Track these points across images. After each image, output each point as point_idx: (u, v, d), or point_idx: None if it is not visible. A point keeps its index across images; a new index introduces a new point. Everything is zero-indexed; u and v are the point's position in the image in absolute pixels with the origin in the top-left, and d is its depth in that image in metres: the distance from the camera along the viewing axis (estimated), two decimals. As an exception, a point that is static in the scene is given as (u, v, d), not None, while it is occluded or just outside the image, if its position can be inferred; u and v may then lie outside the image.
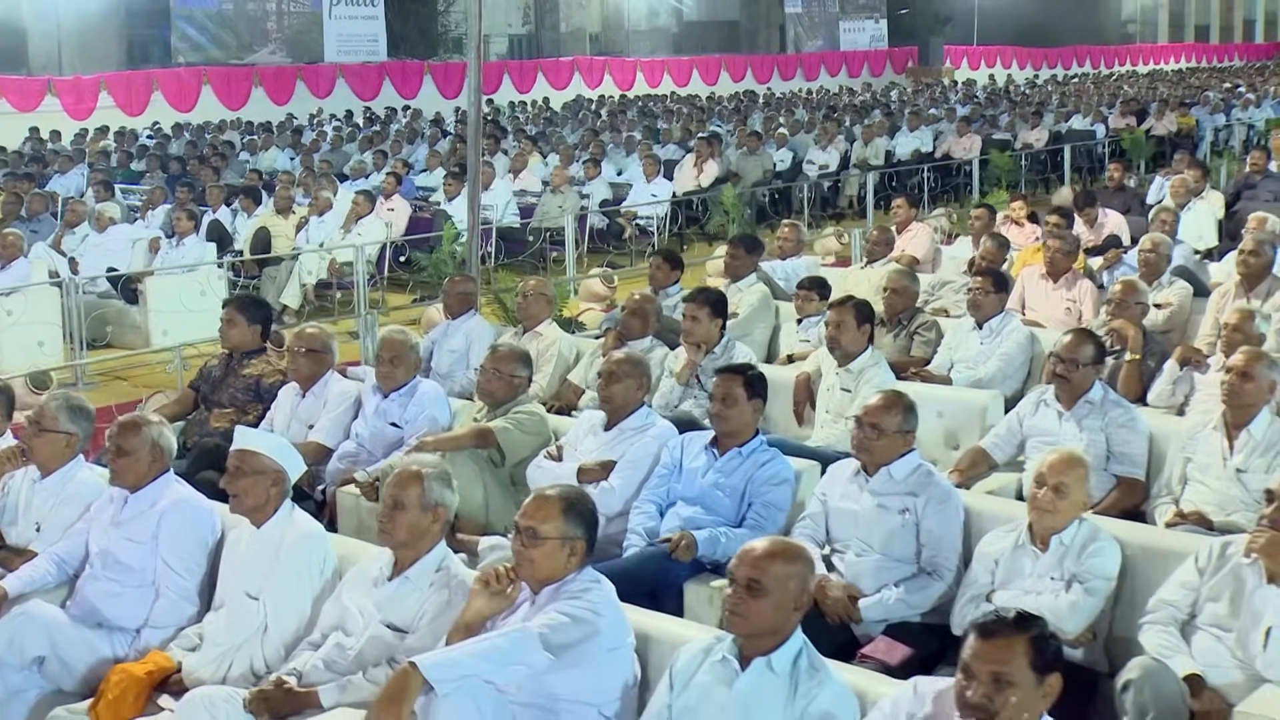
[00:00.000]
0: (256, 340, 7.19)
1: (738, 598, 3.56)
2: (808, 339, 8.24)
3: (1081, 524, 4.72)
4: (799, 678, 3.55)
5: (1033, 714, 3.18)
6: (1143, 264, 8.63)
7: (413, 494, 4.24)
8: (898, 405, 5.13)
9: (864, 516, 5.03)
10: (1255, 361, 5.67)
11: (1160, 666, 4.14)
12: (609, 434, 5.78)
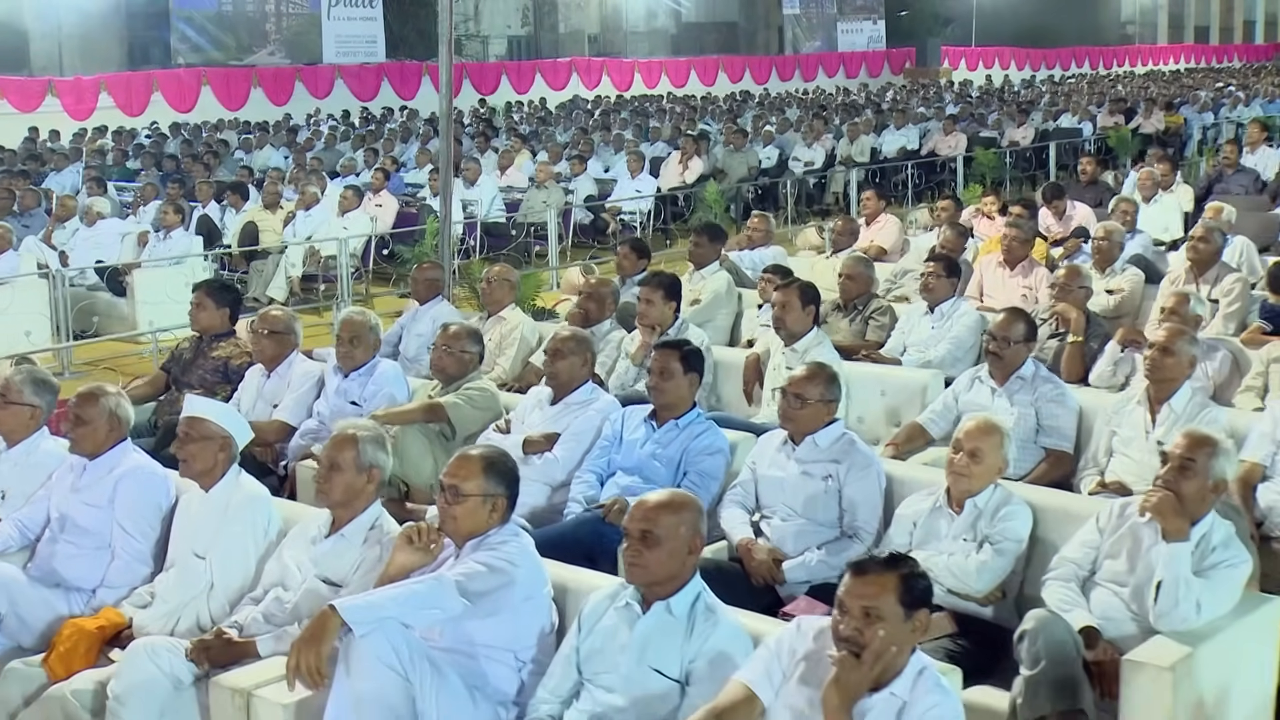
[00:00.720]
0: (225, 323, 7.42)
1: (634, 549, 3.78)
2: (769, 323, 8.46)
3: (996, 489, 4.93)
4: (696, 619, 3.77)
5: (901, 646, 3.39)
6: (1095, 251, 8.87)
7: (348, 456, 4.46)
8: (820, 376, 5.35)
9: (789, 483, 5.24)
10: (1177, 338, 5.89)
11: (1053, 618, 4.35)
12: (555, 408, 6.00)
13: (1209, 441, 4.51)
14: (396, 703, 3.78)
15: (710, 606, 3.80)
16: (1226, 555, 4.41)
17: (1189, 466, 4.45)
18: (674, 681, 3.70)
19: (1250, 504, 5.50)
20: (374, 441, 4.52)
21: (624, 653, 3.78)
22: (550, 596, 4.20)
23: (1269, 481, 5.55)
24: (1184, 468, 4.45)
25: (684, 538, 3.80)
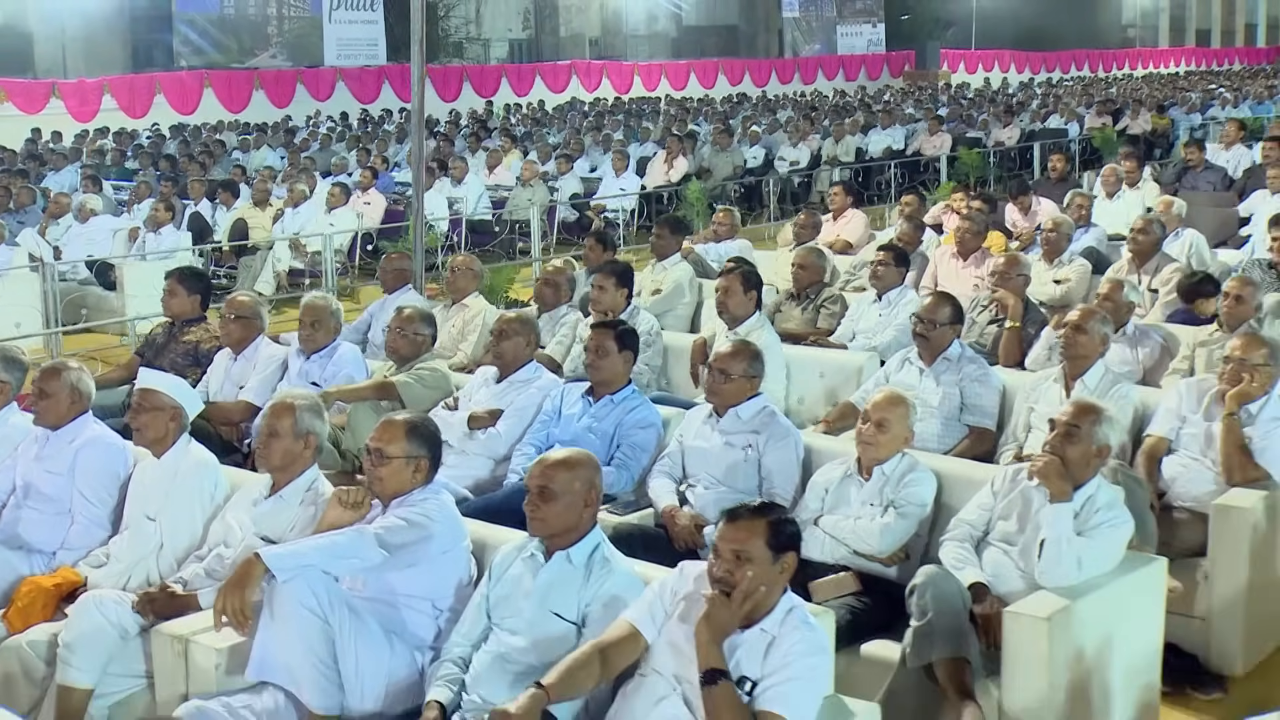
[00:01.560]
0: (196, 309, 7.74)
1: (533, 504, 4.08)
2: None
3: (903, 457, 5.22)
4: (593, 568, 4.06)
5: (770, 586, 3.68)
6: (1044, 243, 9.16)
7: (286, 423, 4.76)
8: (744, 353, 5.65)
9: (712, 453, 5.54)
10: (1089, 318, 6.20)
11: (942, 573, 4.64)
12: (499, 386, 6.31)
13: (1093, 409, 4.80)
14: (317, 644, 4.07)
15: (607, 556, 4.10)
16: (1109, 516, 4.69)
17: (1073, 433, 4.73)
18: (571, 624, 3.99)
19: (1154, 475, 5.79)
20: (310, 410, 4.81)
21: (528, 599, 4.07)
22: (469, 551, 4.49)
23: (1173, 454, 5.83)
24: (1069, 434, 4.74)
25: (579, 492, 4.09)
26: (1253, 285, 7.26)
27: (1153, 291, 8.58)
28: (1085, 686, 4.58)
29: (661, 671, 3.73)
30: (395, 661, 4.20)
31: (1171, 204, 10.09)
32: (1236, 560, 5.41)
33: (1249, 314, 7.15)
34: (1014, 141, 21.49)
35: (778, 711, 3.55)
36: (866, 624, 4.87)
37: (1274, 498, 5.52)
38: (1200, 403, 5.83)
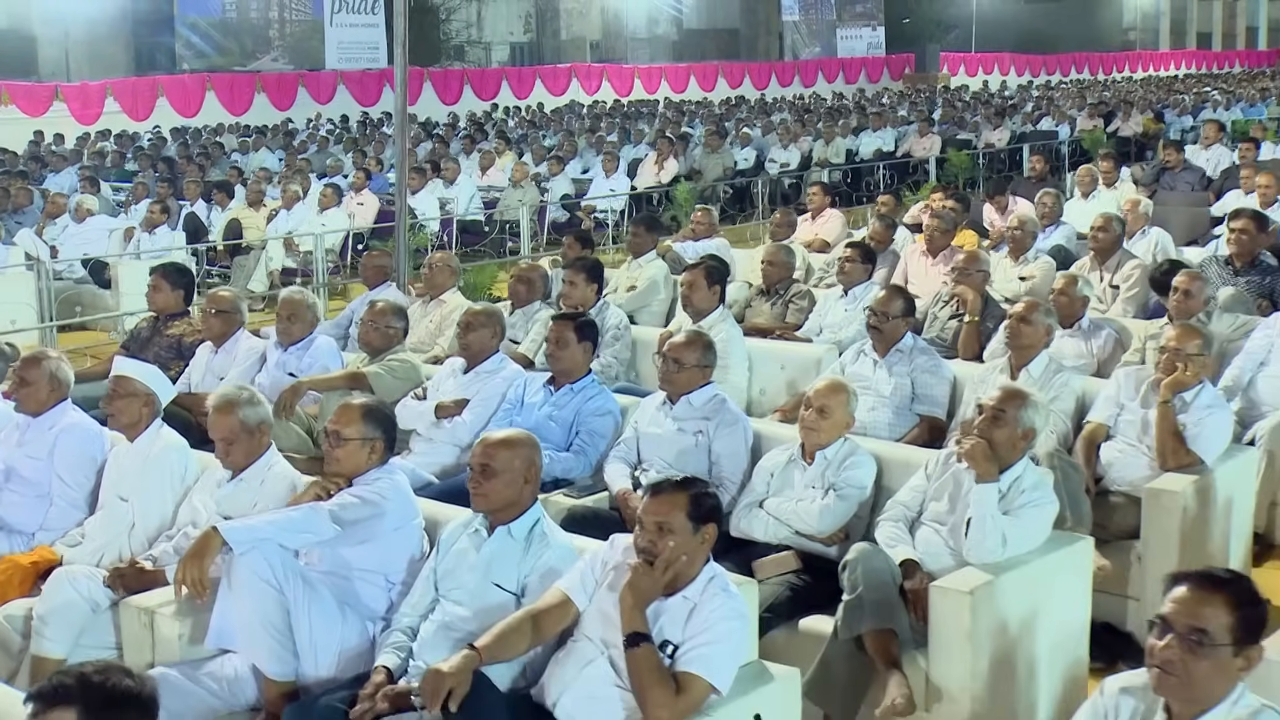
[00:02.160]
0: (180, 304, 7.97)
1: (476, 481, 4.31)
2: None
3: (845, 442, 5.44)
4: (533, 541, 4.29)
5: (691, 556, 3.90)
6: (1010, 240, 9.39)
7: (233, 423, 4.97)
8: (698, 343, 5.88)
9: (665, 439, 5.77)
10: (1033, 309, 6.43)
11: (873, 550, 4.87)
12: (466, 376, 6.54)
13: (1019, 395, 5.03)
14: (273, 614, 4.30)
15: (545, 531, 4.32)
16: (1035, 497, 4.91)
17: (1000, 416, 4.96)
18: (511, 594, 4.22)
19: (1092, 461, 6.01)
20: (248, 403, 5.03)
21: (471, 571, 4.30)
22: (421, 528, 4.72)
23: (1111, 440, 6.05)
24: (995, 417, 4.96)
25: (519, 470, 4.32)
26: (1201, 280, 7.47)
27: (1114, 288, 8.80)
28: (1010, 658, 4.80)
29: (591, 637, 3.96)
30: (347, 630, 4.43)
31: (1138, 203, 10.29)
32: (1168, 542, 5.63)
33: (1198, 308, 7.36)
34: (1004, 143, 21.70)
35: (696, 672, 3.78)
36: (806, 600, 5.10)
37: (1205, 482, 5.74)
38: (1138, 391, 6.05)
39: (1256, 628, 3.09)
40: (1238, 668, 3.06)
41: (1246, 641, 3.06)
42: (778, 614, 5.04)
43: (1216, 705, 3.05)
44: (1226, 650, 3.03)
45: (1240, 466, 6.04)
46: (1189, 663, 3.02)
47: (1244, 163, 13.21)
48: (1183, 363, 5.87)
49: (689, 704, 3.76)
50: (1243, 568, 6.08)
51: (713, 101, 34.27)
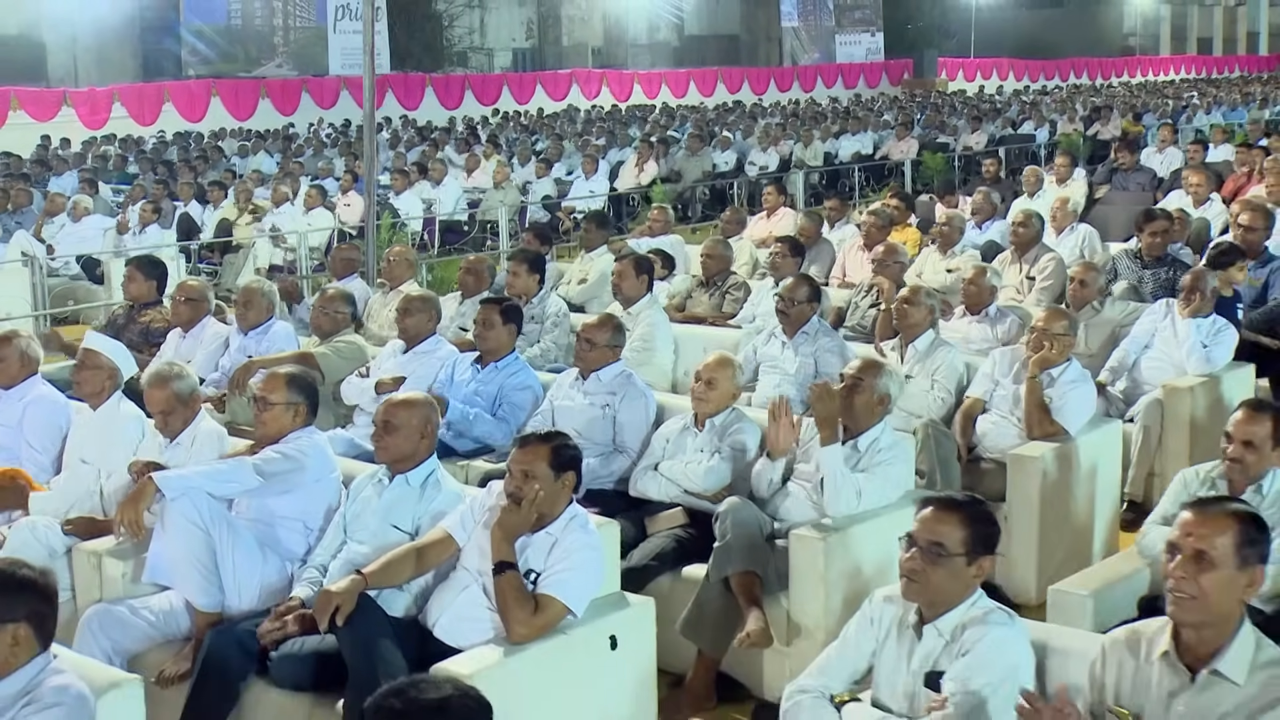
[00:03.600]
0: (153, 293, 8.60)
1: (379, 435, 4.92)
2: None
3: (732, 411, 6.03)
4: (427, 489, 4.90)
5: (553, 498, 4.48)
6: (938, 235, 9.98)
7: (167, 395, 5.57)
8: (608, 325, 6.49)
9: (576, 410, 6.36)
10: (917, 294, 7.05)
11: (743, 503, 5.45)
12: (405, 356, 7.15)
13: (875, 365, 5.62)
14: (201, 553, 4.90)
15: (439, 479, 4.93)
16: (889, 456, 5.50)
17: (858, 384, 5.54)
18: (407, 534, 4.82)
19: (968, 431, 6.60)
20: (177, 378, 5.63)
21: (374, 515, 4.91)
22: (338, 480, 5.32)
23: (986, 414, 6.63)
24: (854, 385, 5.55)
25: (416, 426, 4.92)
26: (1095, 271, 8.08)
27: (1030, 279, 9.38)
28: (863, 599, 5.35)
29: (468, 568, 4.56)
30: (268, 569, 5.03)
31: (1066, 202, 10.89)
32: (1030, 503, 6.21)
33: (1092, 296, 7.96)
34: (981, 146, 22.26)
35: (554, 595, 4.37)
36: (691, 550, 5.68)
37: (1067, 450, 6.32)
38: (1011, 368, 6.63)
39: (988, 542, 3.67)
40: (972, 575, 3.64)
41: (978, 553, 3.64)
42: (664, 562, 5.64)
43: (956, 606, 3.63)
44: (961, 560, 3.61)
45: (1104, 438, 6.61)
46: (929, 571, 3.60)
47: (1189, 165, 13.75)
48: (1049, 341, 6.45)
49: (546, 622, 4.35)
50: (1109, 530, 6.68)
51: (707, 107, 34.84)
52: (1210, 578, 3.21)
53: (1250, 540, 3.27)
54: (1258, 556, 3.28)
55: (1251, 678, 3.18)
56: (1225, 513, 3.32)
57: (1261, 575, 3.29)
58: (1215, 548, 3.23)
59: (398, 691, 2.73)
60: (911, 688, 3.63)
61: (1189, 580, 3.22)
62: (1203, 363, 7.34)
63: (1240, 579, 3.24)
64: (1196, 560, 3.23)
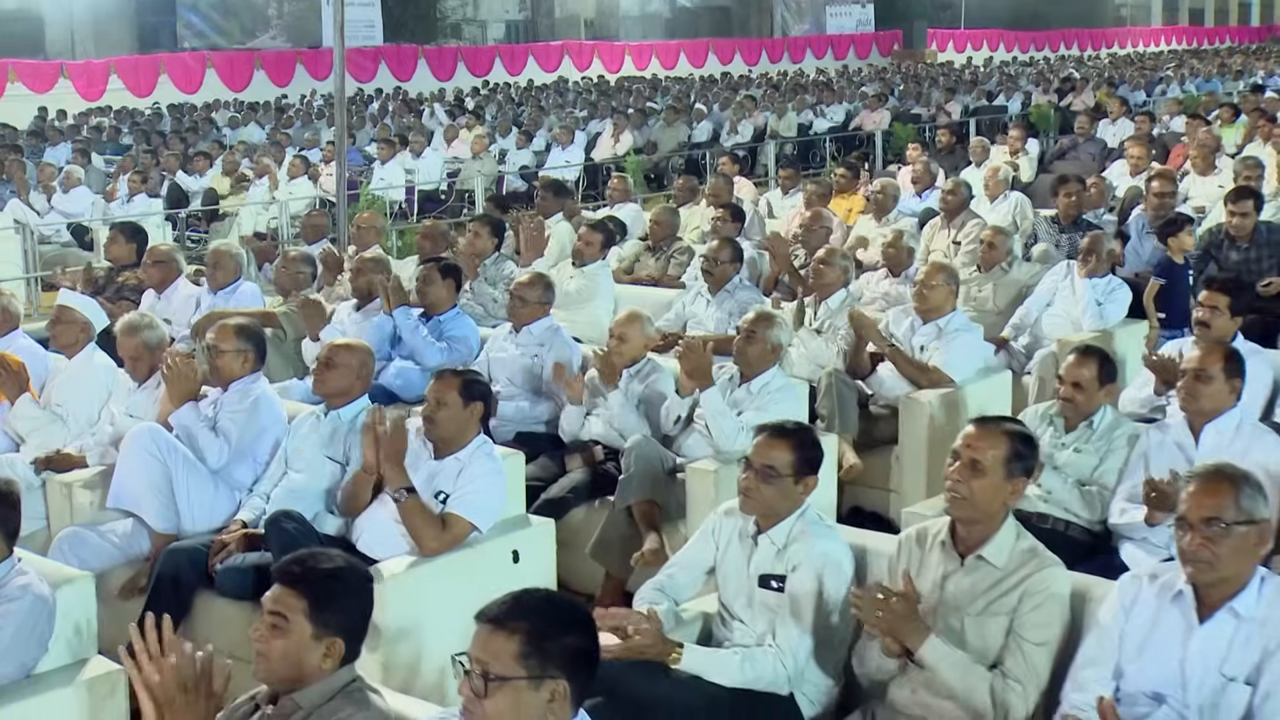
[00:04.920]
0: (131, 256, 9.24)
1: (318, 372, 5.56)
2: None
3: (647, 362, 6.65)
4: (357, 423, 5.49)
5: (463, 426, 5.10)
6: (873, 203, 10.59)
7: (138, 343, 6.21)
8: (539, 283, 7.11)
9: (508, 360, 7.00)
10: (832, 255, 7.65)
11: (646, 440, 6.08)
12: (358, 314, 7.79)
13: (767, 317, 6.24)
14: (159, 481, 5.54)
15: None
16: (778, 397, 6.11)
17: (751, 335, 6.17)
18: (339, 464, 5.46)
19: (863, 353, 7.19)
20: (147, 328, 6.26)
21: (311, 447, 5.54)
22: (284, 420, 5.93)
23: (884, 363, 7.25)
24: (749, 336, 6.17)
25: (354, 367, 5.56)
26: (1004, 235, 8.68)
27: (957, 243, 9.98)
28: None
29: (388, 492, 5.18)
30: (219, 497, 5.67)
31: (998, 170, 11.47)
32: (918, 445, 6.83)
33: (1000, 257, 8.56)
34: (955, 117, 22.79)
35: (460, 513, 4.99)
36: (605, 484, 6.31)
37: (953, 396, 6.93)
38: (902, 324, 7.25)
39: (813, 464, 4.28)
40: (799, 492, 4.26)
41: (804, 473, 4.26)
42: (579, 495, 6.28)
43: (786, 519, 4.25)
44: (789, 480, 4.23)
45: (992, 385, 7.23)
46: (763, 489, 4.22)
47: (1133, 136, 14.32)
48: (928, 291, 7.07)
49: (453, 537, 4.98)
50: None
51: (696, 78, 35.35)
52: (980, 483, 3.83)
53: (1017, 455, 3.89)
54: (1023, 470, 3.90)
55: (1009, 562, 3.82)
56: (1000, 430, 3.94)
57: (1023, 485, 3.92)
58: (986, 458, 3.85)
59: (298, 559, 3.36)
60: (749, 588, 4.25)
61: (963, 483, 3.85)
62: (1097, 319, 7.94)
63: (1006, 487, 3.86)
64: (971, 467, 3.85)
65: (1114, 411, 5.59)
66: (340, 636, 3.22)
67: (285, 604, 3.20)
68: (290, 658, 3.19)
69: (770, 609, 4.14)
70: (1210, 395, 5.13)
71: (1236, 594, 3.49)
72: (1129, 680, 3.58)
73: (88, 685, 4.15)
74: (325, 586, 3.24)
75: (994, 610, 3.79)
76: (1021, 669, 3.74)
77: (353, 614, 3.29)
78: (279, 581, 3.26)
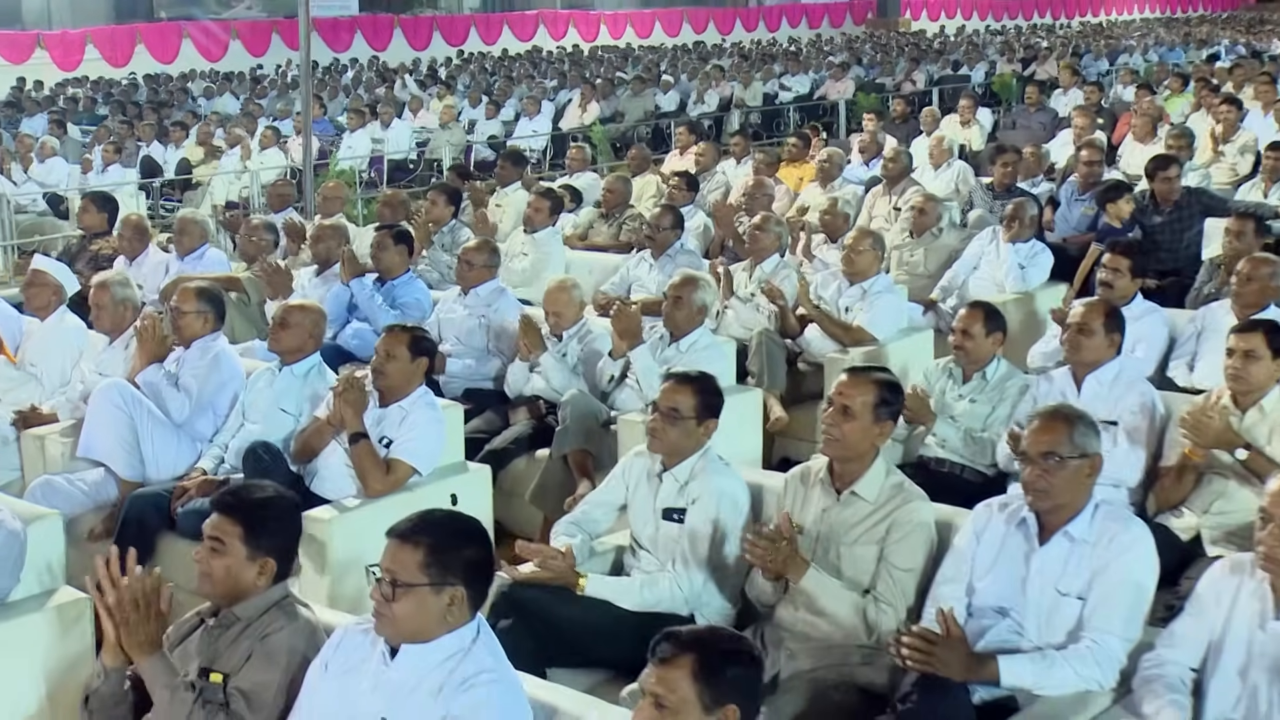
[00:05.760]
0: (103, 224, 9.62)
1: (273, 330, 6.00)
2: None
3: (584, 324, 7.07)
4: (310, 378, 5.95)
5: (408, 378, 5.52)
6: (819, 171, 11.03)
7: (107, 298, 6.63)
8: (484, 248, 7.55)
9: (457, 322, 7.43)
10: (767, 221, 8.09)
11: (581, 395, 6.52)
12: (318, 279, 8.21)
13: (692, 280, 6.68)
14: (125, 433, 5.97)
15: (321, 371, 6.00)
16: (705, 355, 6.53)
17: (679, 299, 6.61)
18: (292, 416, 5.90)
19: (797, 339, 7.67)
20: (119, 284, 6.68)
21: (266, 401, 5.98)
22: (242, 376, 6.36)
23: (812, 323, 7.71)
24: (676, 300, 6.62)
25: (306, 327, 5.99)
26: (935, 202, 9.13)
27: (897, 210, 10.43)
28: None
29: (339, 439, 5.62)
30: (181, 447, 6.10)
31: (942, 140, 11.92)
32: (843, 398, 7.27)
33: (930, 223, 9.03)
34: (919, 86, 23.20)
35: (402, 458, 5.44)
36: (545, 436, 6.75)
37: (877, 354, 7.34)
38: (829, 286, 7.71)
39: (713, 408, 4.73)
40: (701, 433, 4.70)
41: (705, 417, 4.70)
42: (521, 446, 6.73)
43: (689, 458, 4.70)
44: (692, 422, 4.68)
45: (914, 343, 7.69)
46: (668, 430, 4.67)
47: (1082, 106, 14.76)
48: (855, 256, 7.52)
49: (396, 480, 5.43)
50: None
51: (669, 47, 35.65)
52: (850, 426, 4.29)
53: (884, 401, 4.35)
54: (889, 414, 4.36)
55: (879, 496, 4.28)
56: (868, 379, 4.40)
57: (890, 428, 4.39)
58: (856, 404, 4.31)
59: (233, 490, 3.82)
60: (654, 521, 4.70)
61: (836, 426, 4.31)
62: (1019, 282, 8.40)
63: (874, 429, 4.32)
64: (842, 412, 4.31)
65: (1007, 365, 6.06)
66: (272, 557, 3.67)
67: (222, 529, 3.65)
68: (229, 576, 3.63)
69: (673, 539, 4.59)
70: (1091, 348, 5.58)
71: (1072, 520, 3.96)
72: (978, 596, 4.04)
73: (56, 611, 4.58)
74: (257, 513, 3.68)
75: (866, 540, 4.25)
76: (891, 592, 4.20)
77: (282, 537, 3.74)
78: (216, 510, 3.70)
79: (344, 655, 3.42)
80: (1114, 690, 3.82)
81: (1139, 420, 5.35)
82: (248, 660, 3.55)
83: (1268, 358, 5.13)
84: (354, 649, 3.41)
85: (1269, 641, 3.62)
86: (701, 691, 2.93)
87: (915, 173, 11.99)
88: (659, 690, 2.93)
